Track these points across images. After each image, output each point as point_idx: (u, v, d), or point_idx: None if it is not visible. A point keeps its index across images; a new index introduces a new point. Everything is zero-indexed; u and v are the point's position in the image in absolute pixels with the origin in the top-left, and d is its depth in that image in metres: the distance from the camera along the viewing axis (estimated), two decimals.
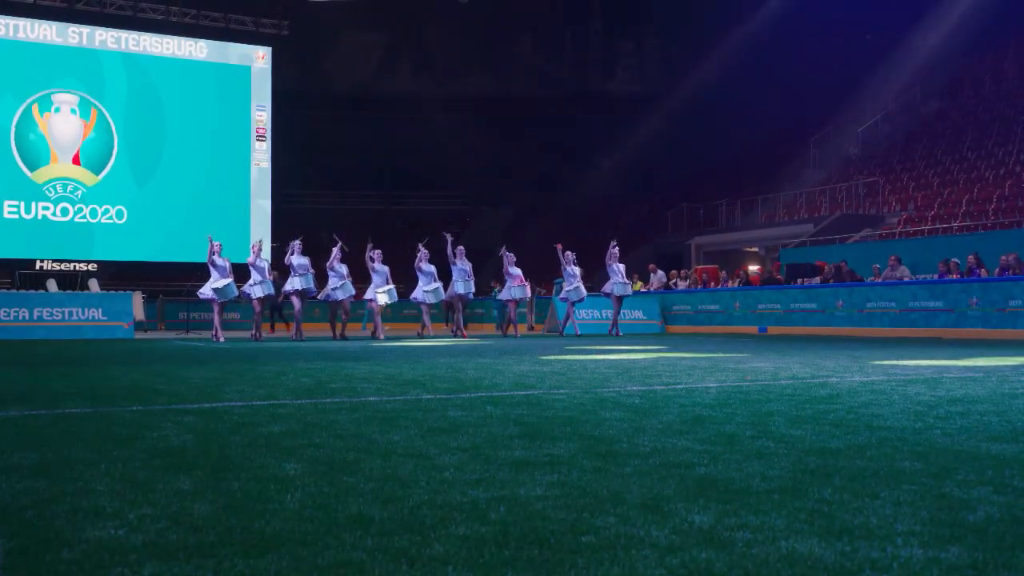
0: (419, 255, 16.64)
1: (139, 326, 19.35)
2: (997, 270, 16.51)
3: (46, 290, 18.39)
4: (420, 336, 17.01)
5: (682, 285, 23.05)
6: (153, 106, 26.63)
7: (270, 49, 28.30)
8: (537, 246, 27.44)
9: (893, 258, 18.34)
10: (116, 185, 26.06)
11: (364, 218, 34.44)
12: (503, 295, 17.55)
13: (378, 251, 16.49)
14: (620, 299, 17.84)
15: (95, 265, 24.89)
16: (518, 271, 17.46)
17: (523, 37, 41.72)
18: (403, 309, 23.28)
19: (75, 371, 7.75)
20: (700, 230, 30.31)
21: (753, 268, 26.65)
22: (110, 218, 25.85)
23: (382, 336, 16.36)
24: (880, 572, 1.88)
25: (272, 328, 20.98)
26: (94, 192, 25.73)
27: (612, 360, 8.98)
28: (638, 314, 20.72)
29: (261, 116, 27.95)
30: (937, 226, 22.69)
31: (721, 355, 9.81)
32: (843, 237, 24.46)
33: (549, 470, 2.96)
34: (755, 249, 30.05)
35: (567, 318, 17.96)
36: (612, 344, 13.38)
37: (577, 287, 17.48)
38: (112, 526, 2.25)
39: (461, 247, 17.19)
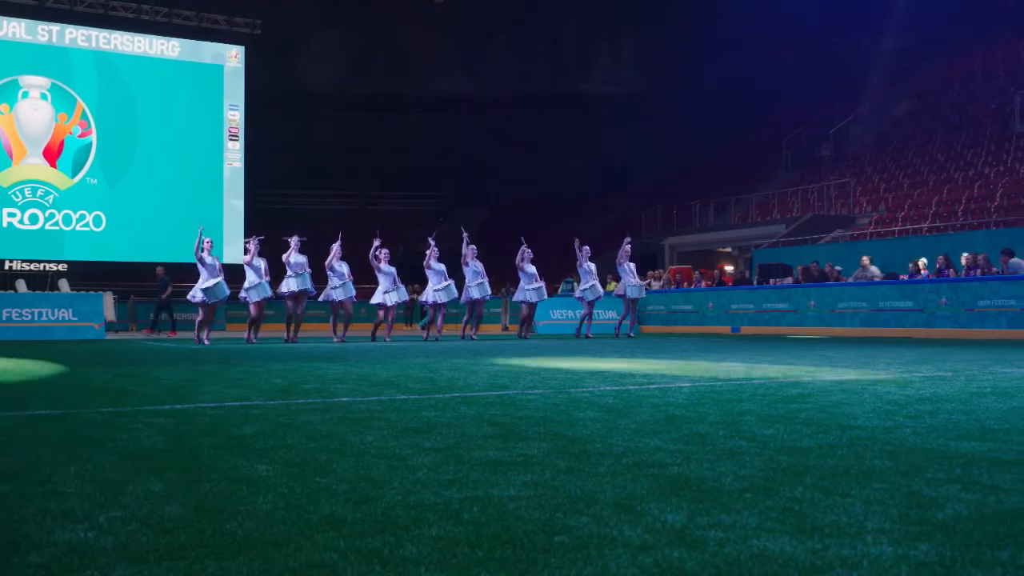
0: (428, 252, 15.69)
1: (110, 327, 19.16)
2: (963, 271, 16.70)
3: (15, 290, 18.17)
4: (431, 339, 15.72)
5: (656, 285, 23.13)
6: (125, 105, 26.36)
7: (243, 48, 28.11)
8: (512, 247, 27.42)
9: (864, 258, 18.51)
10: (89, 185, 25.80)
11: (338, 218, 34.31)
12: (517, 296, 16.42)
13: (385, 250, 15.50)
14: (634, 301, 16.93)
15: (65, 265, 24.62)
16: (533, 269, 16.30)
17: (498, 37, 41.74)
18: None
19: (46, 372, 7.67)
20: (674, 230, 30.44)
21: (728, 268, 26.81)
22: (82, 218, 25.59)
23: (387, 338, 15.47)
24: (850, 570, 1.90)
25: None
26: (67, 195, 25.43)
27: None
28: (612, 314, 20.77)
29: (234, 115, 27.76)
30: (907, 227, 22.91)
31: (694, 361, 9.85)
32: (815, 238, 24.66)
33: (522, 470, 2.96)
34: (728, 249, 30.22)
35: (583, 319, 16.85)
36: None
37: (594, 285, 16.54)
38: (81, 529, 2.23)
39: (473, 246, 16.04)
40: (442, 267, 15.68)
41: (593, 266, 16.80)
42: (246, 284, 14.56)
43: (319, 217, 31.70)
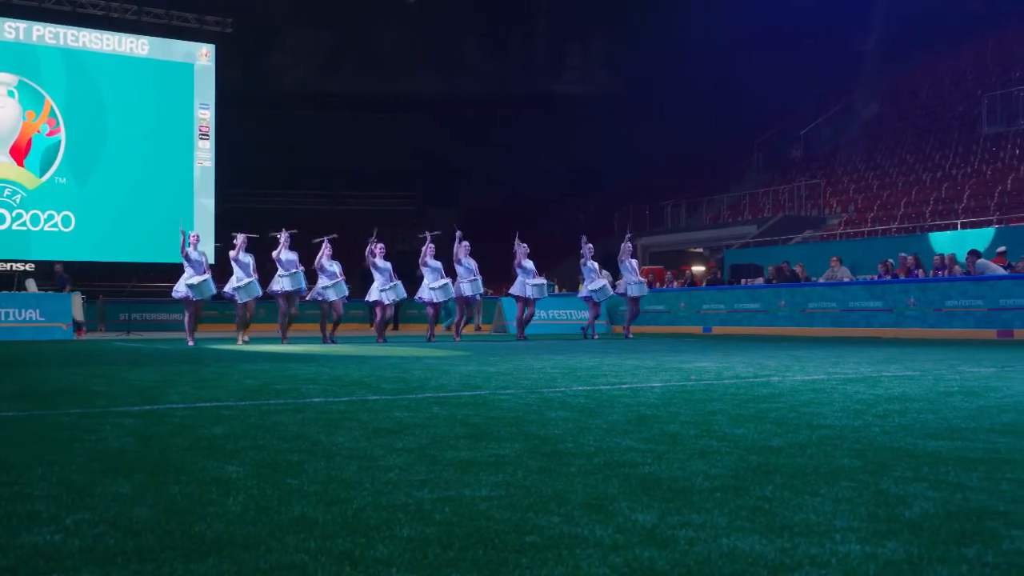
0: (424, 248, 14.93)
1: (78, 327, 18.96)
2: (932, 270, 16.92)
3: None
4: (429, 340, 14.92)
5: None
6: (94, 103, 26.10)
7: (214, 47, 27.91)
8: (486, 247, 27.42)
9: (834, 259, 18.68)
10: (57, 185, 25.50)
11: (310, 218, 34.14)
12: (515, 290, 15.51)
13: (380, 245, 14.68)
14: (636, 300, 16.52)
15: (32, 265, 24.33)
16: (531, 264, 15.52)
17: (470, 37, 41.72)
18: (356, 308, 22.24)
19: (11, 373, 7.58)
20: (646, 231, 30.56)
21: (698, 269, 26.95)
22: (51, 218, 25.29)
23: (381, 340, 14.58)
24: (819, 568, 1.92)
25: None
26: (35, 194, 25.11)
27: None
28: (585, 314, 20.80)
29: (204, 114, 27.55)
30: (876, 227, 23.14)
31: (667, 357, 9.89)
32: (785, 238, 24.84)
33: (494, 470, 2.96)
34: (700, 250, 30.39)
35: (591, 320, 16.22)
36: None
37: (605, 286, 15.92)
38: (48, 531, 2.21)
39: (466, 243, 15.28)
40: (439, 264, 15.03)
41: (597, 264, 16.27)
42: (233, 282, 13.86)
43: (290, 217, 31.48)
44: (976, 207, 21.46)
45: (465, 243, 15.23)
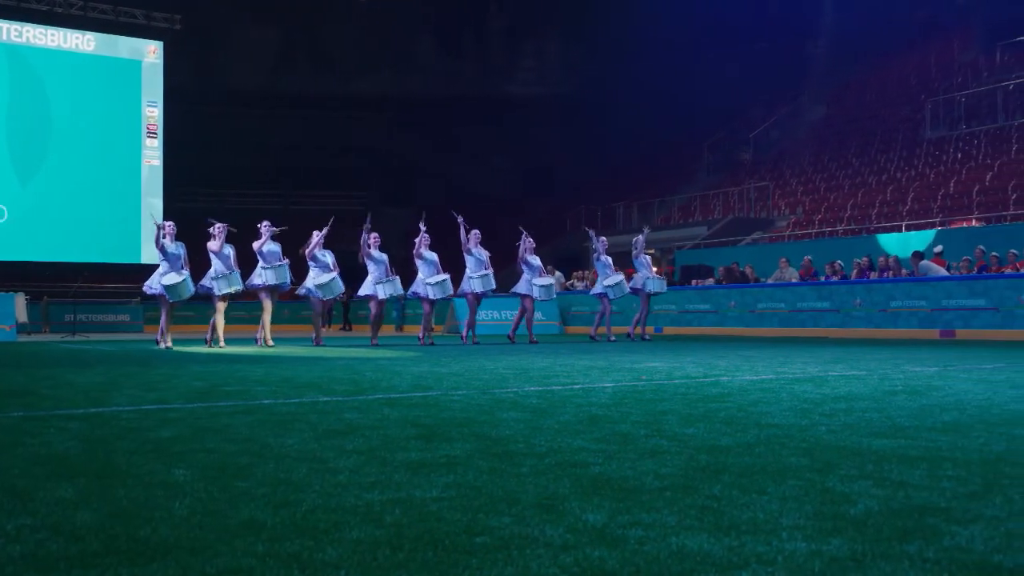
0: (419, 240, 13.59)
1: (22, 328, 18.57)
2: (855, 272, 17.35)
3: None
4: (425, 341, 13.79)
5: (579, 286, 23.31)
6: (38, 100, 25.61)
7: (162, 43, 27.54)
8: (439, 247, 27.36)
9: (783, 260, 18.94)
10: None
11: (261, 217, 33.81)
12: (520, 288, 14.34)
13: (375, 235, 13.39)
14: (649, 297, 15.42)
15: None
16: (537, 261, 14.49)
17: (424, 37, 41.60)
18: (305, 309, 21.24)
19: None
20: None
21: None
22: None
23: (375, 341, 13.48)
24: (765, 565, 1.94)
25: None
26: None
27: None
28: (538, 315, 20.83)
29: (152, 112, 27.18)
30: (824, 229, 23.48)
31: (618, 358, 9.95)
32: (735, 239, 25.12)
33: (445, 471, 2.96)
34: (652, 251, 30.57)
35: (601, 318, 15.33)
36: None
37: (620, 283, 14.95)
38: None
39: (476, 231, 13.88)
40: (435, 257, 13.70)
41: (611, 259, 15.42)
42: (211, 274, 12.67)
43: (242, 217, 31.13)
44: (920, 209, 21.88)
45: (475, 231, 13.88)
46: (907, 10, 31.70)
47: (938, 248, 16.67)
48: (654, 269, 15.29)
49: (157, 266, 12.79)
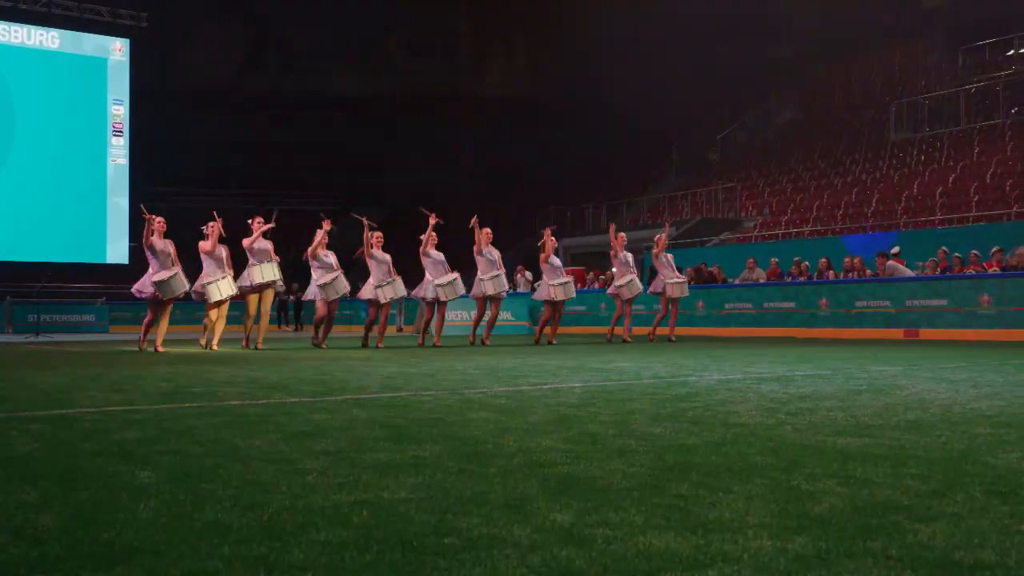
0: (426, 237, 13.13)
1: None
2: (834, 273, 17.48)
3: None
4: (421, 343, 13.41)
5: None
6: (0, 97, 25.24)
7: (128, 41, 27.26)
8: (409, 248, 27.30)
9: (750, 260, 19.07)
10: None
11: (231, 217, 33.60)
12: (540, 295, 13.86)
13: (378, 234, 12.94)
14: (675, 301, 14.81)
15: None
16: (558, 261, 13.93)
17: (391, 37, 41.51)
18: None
19: None
20: (568, 232, 30.77)
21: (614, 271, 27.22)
22: None
23: (381, 344, 13.00)
24: (731, 563, 1.95)
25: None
26: None
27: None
28: (507, 315, 20.87)
29: (118, 110, 26.89)
30: (791, 230, 23.68)
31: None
32: (703, 240, 25.28)
33: (414, 472, 2.95)
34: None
35: (617, 319, 14.72)
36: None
37: (632, 281, 14.34)
38: None
39: (487, 230, 13.34)
40: (441, 256, 13.16)
41: (631, 256, 14.76)
42: (204, 280, 12.02)
43: (209, 217, 30.91)
44: (884, 211, 22.13)
45: (486, 230, 13.37)
46: (872, 15, 32.09)
47: (895, 249, 16.85)
48: (673, 270, 14.81)
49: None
